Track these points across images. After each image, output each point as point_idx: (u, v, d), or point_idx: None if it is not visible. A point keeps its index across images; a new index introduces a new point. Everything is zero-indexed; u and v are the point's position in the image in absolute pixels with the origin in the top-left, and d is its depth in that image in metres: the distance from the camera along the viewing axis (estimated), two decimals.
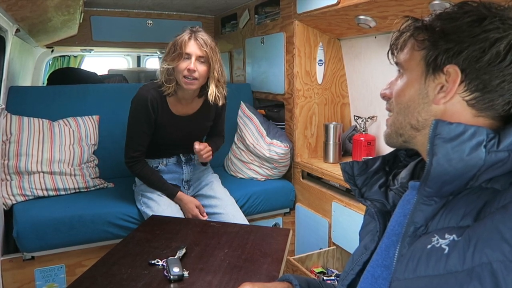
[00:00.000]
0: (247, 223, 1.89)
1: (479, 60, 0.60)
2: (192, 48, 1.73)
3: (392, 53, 0.73)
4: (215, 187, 1.99)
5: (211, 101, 1.82)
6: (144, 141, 1.85)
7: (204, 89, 1.84)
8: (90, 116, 2.28)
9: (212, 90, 1.79)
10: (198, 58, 1.74)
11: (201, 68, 1.74)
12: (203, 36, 1.75)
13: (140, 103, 1.81)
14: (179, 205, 1.90)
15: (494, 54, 0.60)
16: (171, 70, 1.78)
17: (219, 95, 1.82)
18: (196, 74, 1.73)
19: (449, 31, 0.63)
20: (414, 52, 0.68)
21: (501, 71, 0.60)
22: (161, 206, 1.83)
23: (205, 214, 1.89)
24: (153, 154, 1.97)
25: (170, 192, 1.89)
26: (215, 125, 2.05)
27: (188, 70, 1.72)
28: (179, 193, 1.90)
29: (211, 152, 1.89)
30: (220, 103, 1.85)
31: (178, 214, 1.85)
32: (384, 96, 0.75)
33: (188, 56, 1.73)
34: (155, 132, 1.88)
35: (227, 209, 1.90)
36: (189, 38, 1.74)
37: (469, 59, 0.61)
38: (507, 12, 0.62)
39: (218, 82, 1.81)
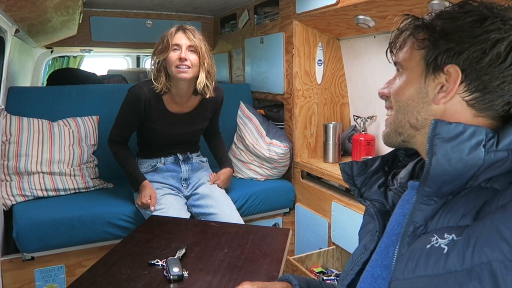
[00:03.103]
0: (243, 223, 1.89)
1: (480, 61, 0.60)
2: (181, 39, 1.75)
3: (391, 52, 0.73)
4: (212, 186, 1.99)
5: (200, 90, 1.82)
6: (126, 131, 1.93)
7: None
8: (89, 117, 2.28)
9: (201, 79, 1.80)
10: (188, 48, 1.75)
11: (192, 57, 1.76)
12: (190, 28, 1.79)
13: (132, 99, 1.85)
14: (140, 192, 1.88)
15: (495, 55, 0.59)
16: (161, 66, 1.79)
17: (208, 85, 1.82)
18: (188, 63, 1.75)
19: (450, 30, 0.63)
20: (414, 51, 0.68)
21: (501, 72, 0.60)
22: (163, 205, 1.82)
23: (153, 207, 1.81)
24: (151, 154, 1.97)
25: (136, 179, 1.89)
26: (212, 124, 2.07)
27: (180, 59, 1.73)
28: (145, 182, 1.88)
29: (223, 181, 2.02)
30: (208, 96, 1.85)
31: (182, 212, 1.84)
32: (382, 95, 0.75)
33: (178, 47, 1.75)
34: (151, 130, 1.88)
35: (222, 209, 1.88)
36: (177, 30, 1.77)
37: (470, 60, 0.61)
38: (508, 13, 0.61)
39: (208, 74, 1.82)
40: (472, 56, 0.61)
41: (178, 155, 2.00)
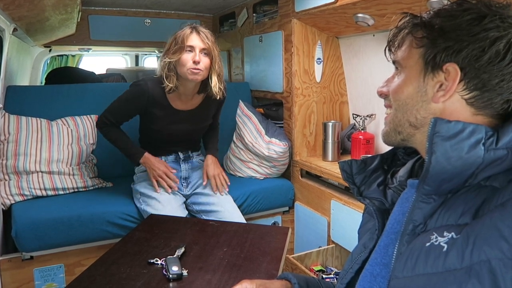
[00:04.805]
0: (244, 221, 1.90)
1: (478, 59, 0.60)
2: (195, 41, 1.76)
3: (390, 50, 0.72)
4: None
5: (215, 93, 1.83)
6: (120, 119, 1.91)
7: (204, 84, 1.86)
8: (88, 116, 2.28)
9: (215, 82, 1.82)
10: (202, 50, 1.76)
11: (205, 60, 1.77)
12: (204, 30, 1.79)
13: (135, 93, 1.85)
14: (147, 168, 1.90)
15: (494, 53, 0.59)
16: (172, 66, 1.78)
17: (220, 88, 1.85)
18: (201, 65, 1.75)
19: (448, 29, 0.62)
20: (412, 49, 0.67)
21: (500, 70, 0.60)
22: (161, 203, 1.83)
23: (173, 176, 1.89)
24: (152, 152, 1.97)
25: (134, 152, 1.90)
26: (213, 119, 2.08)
27: (194, 61, 1.74)
28: (146, 154, 1.90)
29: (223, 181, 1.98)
30: (218, 97, 1.87)
31: (179, 211, 1.85)
32: (381, 94, 0.74)
33: (191, 49, 1.76)
34: (156, 127, 1.88)
35: (225, 206, 1.90)
36: (191, 32, 1.77)
37: (469, 58, 0.61)
38: (506, 11, 0.61)
39: (219, 77, 1.84)
40: (471, 54, 0.60)
41: (180, 153, 2.00)
